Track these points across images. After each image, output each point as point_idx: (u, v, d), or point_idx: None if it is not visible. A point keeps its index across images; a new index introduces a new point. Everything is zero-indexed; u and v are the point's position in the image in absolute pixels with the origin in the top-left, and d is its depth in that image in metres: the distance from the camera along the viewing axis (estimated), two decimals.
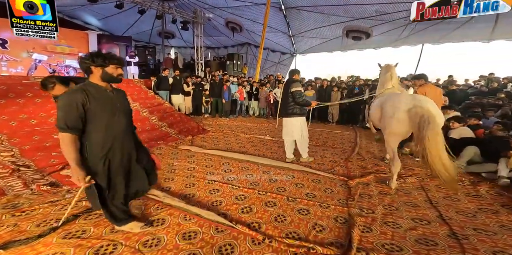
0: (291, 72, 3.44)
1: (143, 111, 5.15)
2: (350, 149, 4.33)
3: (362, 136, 5.52)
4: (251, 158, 3.55)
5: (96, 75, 1.50)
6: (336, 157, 3.86)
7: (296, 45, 12.01)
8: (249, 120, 7.37)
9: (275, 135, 5.37)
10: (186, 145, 4.28)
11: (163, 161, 3.43)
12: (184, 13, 9.29)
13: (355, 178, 2.86)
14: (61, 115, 1.37)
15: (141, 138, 2.06)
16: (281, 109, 3.41)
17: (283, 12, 9.24)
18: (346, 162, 3.59)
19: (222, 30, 12.13)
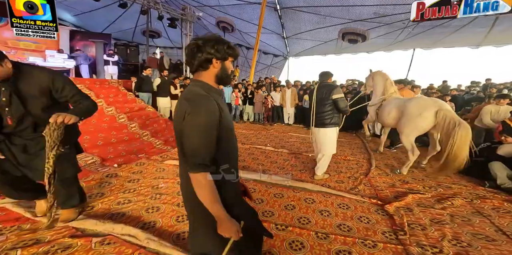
0: (324, 75, 2.90)
1: (120, 117, 4.39)
2: (365, 161, 3.85)
3: (370, 144, 5.11)
4: (256, 176, 2.96)
5: (212, 73, 0.96)
6: (354, 171, 3.36)
7: (289, 48, 11.71)
8: (244, 127, 6.78)
9: (277, 144, 4.82)
10: (174, 158, 3.59)
11: (144, 182, 2.74)
12: (172, 10, 8.63)
13: (391, 201, 2.36)
14: (203, 143, 0.85)
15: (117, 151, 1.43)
16: (315, 119, 2.85)
17: (278, 13, 8.88)
18: (368, 178, 3.09)
19: (212, 30, 11.56)
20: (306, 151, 4.36)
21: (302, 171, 3.29)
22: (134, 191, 2.52)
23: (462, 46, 9.97)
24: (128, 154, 3.52)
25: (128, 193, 2.46)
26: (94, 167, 3.01)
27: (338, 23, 8.58)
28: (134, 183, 2.71)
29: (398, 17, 7.58)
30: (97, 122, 3.94)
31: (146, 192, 2.49)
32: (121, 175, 2.88)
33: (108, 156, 3.33)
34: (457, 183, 2.93)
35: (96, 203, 2.25)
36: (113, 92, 5.09)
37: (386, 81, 3.88)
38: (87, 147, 3.30)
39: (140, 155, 3.59)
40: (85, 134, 3.56)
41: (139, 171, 3.03)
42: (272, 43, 11.28)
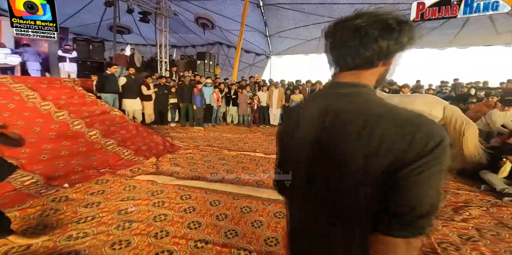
0: None
1: (75, 123, 3.63)
2: None
3: None
4: (251, 191, 2.52)
5: (377, 73, 0.58)
6: None
7: (272, 46, 11.45)
8: (229, 130, 6.30)
9: (266, 149, 4.44)
10: (147, 172, 3.02)
11: (108, 205, 2.17)
12: (144, 3, 7.84)
13: None
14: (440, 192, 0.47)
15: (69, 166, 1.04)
16: None
17: (261, 9, 8.55)
18: None
19: (190, 27, 10.90)
20: None
21: None
22: (92, 219, 1.95)
23: (431, 47, 10.54)
24: (85, 169, 2.87)
25: (84, 223, 1.89)
26: (35, 189, 2.35)
27: (321, 21, 8.49)
28: (93, 207, 2.13)
29: None
30: (42, 131, 3.18)
31: (111, 220, 1.94)
32: (75, 198, 2.27)
33: (56, 174, 2.65)
34: (462, 188, 2.78)
35: (34, 240, 1.66)
36: (66, 93, 4.28)
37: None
38: (24, 164, 2.60)
39: (103, 170, 2.96)
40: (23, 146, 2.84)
41: (100, 191, 2.42)
42: (254, 41, 10.94)
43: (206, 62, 10.03)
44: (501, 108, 3.73)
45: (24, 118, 3.30)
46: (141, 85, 5.71)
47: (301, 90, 6.75)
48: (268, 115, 7.13)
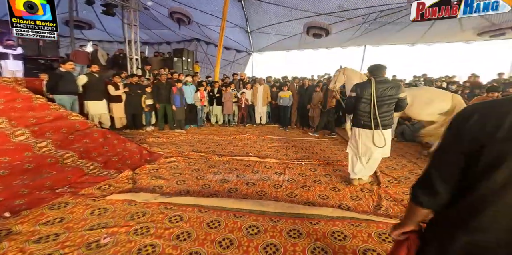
0: (379, 68, 2.45)
1: (18, 133, 2.93)
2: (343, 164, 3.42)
3: None
4: (254, 204, 2.14)
5: None
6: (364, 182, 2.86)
7: (253, 42, 11.13)
8: (214, 132, 5.84)
9: (260, 152, 4.09)
10: (122, 189, 2.50)
11: (70, 237, 1.66)
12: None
13: None
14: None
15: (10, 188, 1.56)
16: (379, 119, 2.40)
17: (242, 4, 8.15)
18: (383, 189, 2.62)
19: (164, 22, 10.13)
20: (297, 158, 3.75)
21: (305, 188, 2.63)
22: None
23: (401, 44, 11.08)
24: (34, 190, 2.25)
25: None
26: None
27: (303, 16, 8.35)
28: (48, 242, 1.61)
29: (360, 12, 7.74)
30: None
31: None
32: (21, 231, 1.72)
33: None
34: None
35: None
36: (5, 96, 3.48)
37: (361, 75, 4.26)
38: None
39: (60, 190, 2.37)
40: None
41: (57, 219, 1.88)
42: (235, 37, 10.52)
43: (183, 60, 9.39)
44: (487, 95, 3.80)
45: None
46: (107, 85, 5.00)
47: (290, 87, 6.50)
48: (254, 114, 6.79)
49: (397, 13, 7.49)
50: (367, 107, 2.41)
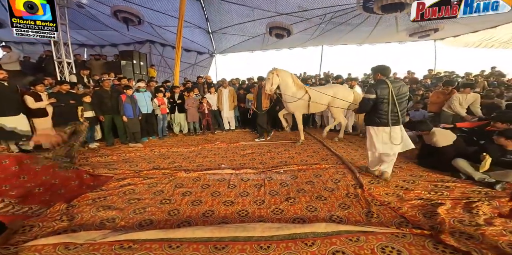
0: (387, 68, 2.71)
1: None
2: (341, 166, 3.40)
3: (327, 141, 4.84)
4: (236, 230, 1.82)
5: None
6: (345, 185, 2.78)
7: (215, 44, 10.76)
8: (179, 143, 5.32)
9: (234, 162, 3.79)
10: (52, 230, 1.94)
11: None
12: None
13: (435, 226, 1.82)
14: None
15: None
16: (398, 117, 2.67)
17: (201, 3, 7.76)
18: (367, 192, 2.55)
19: (107, 22, 9.09)
20: (276, 165, 3.54)
21: (290, 200, 2.41)
22: None
23: (352, 43, 12.09)
24: None
25: None
26: None
27: (266, 16, 8.36)
28: None
29: (317, 12, 8.08)
30: None
31: None
32: None
33: None
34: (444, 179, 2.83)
35: None
36: None
37: (292, 75, 4.65)
38: None
39: None
40: None
41: None
42: (195, 39, 10.02)
43: (134, 63, 8.53)
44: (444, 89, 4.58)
45: None
46: (23, 96, 4.07)
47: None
48: (221, 119, 6.44)
49: (348, 14, 8.03)
50: (386, 107, 2.60)
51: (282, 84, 4.53)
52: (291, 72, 4.67)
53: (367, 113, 2.80)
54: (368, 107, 2.71)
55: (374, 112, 2.66)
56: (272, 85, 4.46)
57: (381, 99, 2.58)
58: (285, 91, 4.60)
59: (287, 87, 4.58)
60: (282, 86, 4.57)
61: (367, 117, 2.81)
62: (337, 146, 4.60)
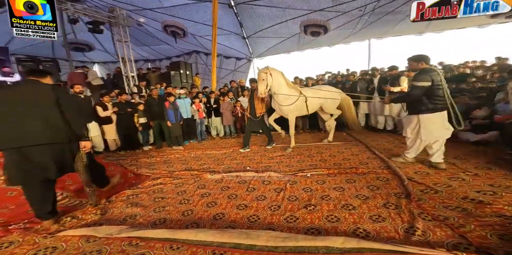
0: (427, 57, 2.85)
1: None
2: (386, 172, 2.89)
3: (371, 144, 4.23)
4: (239, 236, 1.68)
5: None
6: (385, 193, 2.33)
7: (252, 48, 10.98)
8: (214, 146, 5.50)
9: (259, 164, 3.66)
10: (85, 223, 2.16)
11: None
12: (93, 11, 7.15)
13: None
14: None
15: None
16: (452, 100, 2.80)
17: (234, 10, 8.07)
18: (415, 202, 2.07)
19: (161, 37, 10.31)
20: (303, 169, 3.26)
21: (310, 207, 2.14)
22: None
23: (407, 34, 10.47)
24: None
25: None
26: None
27: (298, 15, 8.10)
28: None
29: (355, 4, 7.36)
30: None
31: None
32: None
33: None
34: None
35: None
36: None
37: (284, 76, 4.22)
38: None
39: (14, 226, 2.07)
40: None
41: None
42: (233, 45, 10.44)
43: (181, 73, 9.35)
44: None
45: None
46: (96, 106, 4.88)
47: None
48: None
49: (395, 1, 7.05)
50: (442, 92, 2.66)
51: (275, 84, 4.05)
52: (281, 71, 4.25)
53: (414, 102, 2.80)
54: (417, 96, 2.72)
55: (430, 99, 2.69)
56: (266, 87, 3.95)
57: (437, 86, 2.63)
58: (279, 91, 4.13)
59: (280, 88, 4.12)
60: (275, 87, 4.08)
61: (417, 106, 2.79)
62: (384, 148, 4.00)
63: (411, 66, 2.89)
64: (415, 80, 2.72)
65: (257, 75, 4.06)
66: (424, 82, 2.62)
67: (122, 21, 7.60)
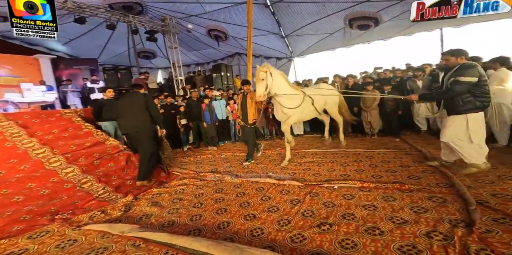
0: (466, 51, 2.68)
1: (52, 160, 3.27)
2: (451, 196, 2.27)
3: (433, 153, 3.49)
4: (231, 252, 1.53)
5: None
6: (436, 218, 1.84)
7: (292, 47, 10.66)
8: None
9: (284, 170, 3.46)
10: (107, 219, 2.34)
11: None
12: (148, 22, 8.07)
13: None
14: None
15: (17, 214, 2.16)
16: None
17: (270, 9, 7.97)
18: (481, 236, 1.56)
19: (207, 42, 11.00)
20: (331, 179, 2.90)
21: (324, 227, 1.84)
22: None
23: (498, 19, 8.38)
24: (36, 216, 2.34)
25: None
26: None
27: (341, 9, 7.42)
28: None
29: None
30: (7, 174, 2.87)
31: None
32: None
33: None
34: None
35: None
36: (60, 126, 4.06)
37: (284, 76, 3.78)
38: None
39: (61, 215, 2.40)
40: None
41: (22, 251, 1.80)
42: (272, 45, 10.34)
43: (222, 75, 9.74)
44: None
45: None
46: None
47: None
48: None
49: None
50: (487, 88, 2.52)
51: (275, 85, 3.47)
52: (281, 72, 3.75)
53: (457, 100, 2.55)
54: (463, 93, 2.52)
55: (476, 96, 2.49)
56: (266, 88, 3.37)
57: (484, 81, 2.47)
58: (281, 92, 3.56)
59: (281, 88, 3.56)
60: (275, 88, 3.50)
61: (463, 105, 2.53)
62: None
63: (449, 61, 2.64)
64: (459, 75, 2.48)
65: (255, 75, 3.49)
66: (471, 78, 2.43)
67: (172, 29, 8.36)
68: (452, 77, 2.53)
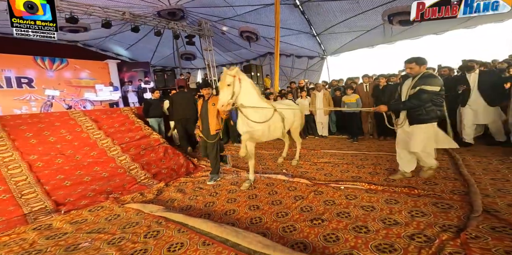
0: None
1: (112, 149, 4.05)
2: (460, 203, 2.19)
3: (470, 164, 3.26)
4: (230, 234, 1.86)
5: None
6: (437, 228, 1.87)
7: (324, 46, 10.43)
8: (267, 146, 5.77)
9: (298, 169, 3.64)
10: (144, 199, 2.89)
11: (70, 237, 2.07)
12: (189, 27, 8.89)
13: None
14: None
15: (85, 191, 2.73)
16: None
17: (300, 8, 7.99)
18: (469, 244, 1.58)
19: (240, 43, 11.54)
20: (341, 180, 3.00)
21: (316, 221, 2.02)
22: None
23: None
24: (97, 194, 3.02)
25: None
26: (36, 215, 2.57)
27: (377, 5, 7.03)
28: (54, 239, 2.07)
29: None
30: (82, 158, 3.69)
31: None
32: (53, 227, 2.31)
33: (67, 199, 2.89)
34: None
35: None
36: (119, 122, 4.95)
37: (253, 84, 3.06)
38: (49, 189, 2.97)
39: (113, 195, 3.04)
40: (59, 173, 3.30)
41: (83, 220, 2.41)
42: (303, 44, 10.30)
43: (252, 75, 10.14)
44: None
45: (73, 147, 3.91)
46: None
47: (357, 88, 5.48)
48: (315, 125, 6.16)
49: None
50: (442, 99, 2.61)
51: (243, 93, 2.81)
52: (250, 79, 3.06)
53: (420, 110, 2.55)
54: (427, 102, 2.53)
55: (437, 105, 2.58)
56: (232, 97, 2.69)
57: (442, 91, 2.53)
58: (248, 103, 2.88)
59: (250, 97, 2.90)
60: (243, 97, 2.83)
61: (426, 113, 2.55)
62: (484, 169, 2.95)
63: (413, 69, 2.56)
64: (424, 84, 2.45)
65: (220, 79, 2.88)
66: (435, 87, 2.43)
67: (207, 32, 9.07)
68: (418, 86, 2.49)
